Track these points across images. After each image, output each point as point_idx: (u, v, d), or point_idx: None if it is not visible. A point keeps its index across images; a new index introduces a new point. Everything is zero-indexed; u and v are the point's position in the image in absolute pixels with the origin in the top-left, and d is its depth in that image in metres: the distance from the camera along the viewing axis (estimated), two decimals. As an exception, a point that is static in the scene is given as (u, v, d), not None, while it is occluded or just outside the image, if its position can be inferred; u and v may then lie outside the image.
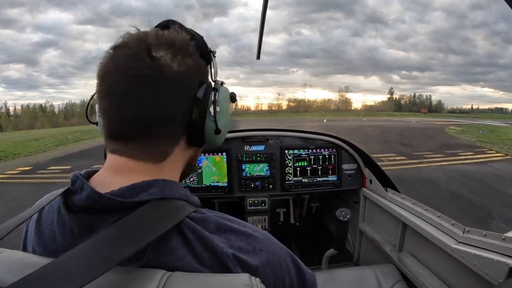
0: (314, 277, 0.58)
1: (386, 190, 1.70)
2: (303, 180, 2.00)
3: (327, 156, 1.99)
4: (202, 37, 0.56)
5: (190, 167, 0.62)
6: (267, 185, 1.98)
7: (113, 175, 0.50)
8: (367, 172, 1.92)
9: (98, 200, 0.45)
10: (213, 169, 1.93)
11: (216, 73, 0.58)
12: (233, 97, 0.60)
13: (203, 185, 1.93)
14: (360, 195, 2.00)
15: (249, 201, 1.96)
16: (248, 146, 1.98)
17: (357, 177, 2.01)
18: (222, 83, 0.57)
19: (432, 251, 1.25)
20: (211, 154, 1.92)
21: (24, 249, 0.55)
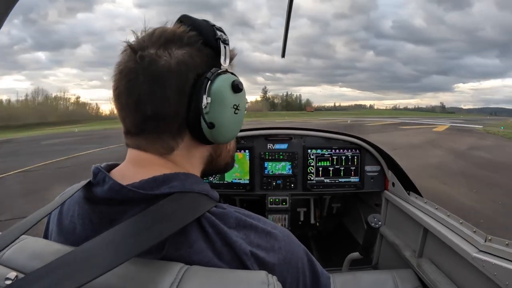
0: (329, 279, 0.57)
1: (408, 194, 1.67)
2: (325, 180, 1.99)
3: (350, 157, 1.98)
4: (210, 26, 0.52)
5: (214, 166, 0.60)
6: (289, 184, 1.99)
7: (134, 167, 0.51)
8: (390, 174, 1.89)
9: (120, 192, 0.46)
10: (236, 166, 1.97)
11: (224, 61, 0.52)
12: (235, 86, 0.52)
13: (225, 182, 1.97)
14: (382, 198, 1.97)
15: (270, 199, 1.98)
16: (271, 144, 2.00)
17: (379, 179, 1.98)
18: (222, 72, 0.52)
19: (452, 258, 1.23)
20: None
21: (46, 238, 0.57)
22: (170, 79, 0.48)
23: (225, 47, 0.52)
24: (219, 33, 0.52)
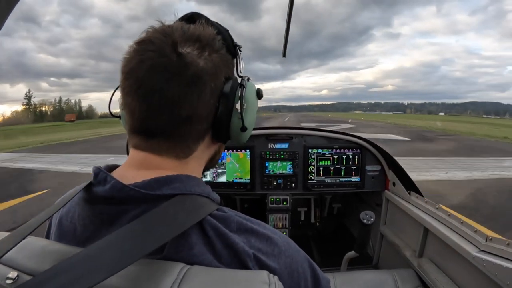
0: (329, 284, 0.57)
1: (409, 194, 1.67)
2: (326, 180, 1.99)
3: (350, 157, 1.98)
4: (227, 30, 0.55)
5: (213, 162, 0.61)
6: (290, 183, 1.99)
7: (136, 170, 0.50)
8: (390, 174, 1.89)
9: (121, 190, 0.45)
10: (236, 166, 1.97)
11: (242, 67, 0.57)
12: (259, 93, 0.58)
13: (226, 181, 1.97)
14: (382, 198, 1.97)
15: (270, 198, 1.97)
16: (272, 144, 2.00)
17: (380, 179, 1.98)
18: (248, 79, 0.56)
19: (453, 258, 1.23)
20: (234, 150, 1.96)
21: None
22: (207, 82, 0.48)
23: (240, 53, 0.57)
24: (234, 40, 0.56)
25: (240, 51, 0.57)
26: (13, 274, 0.41)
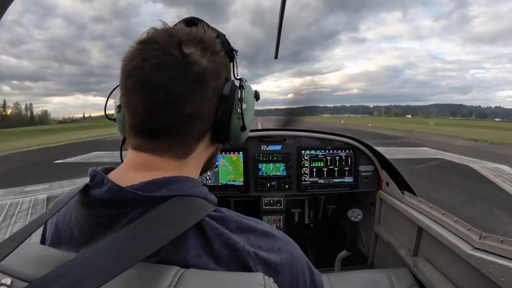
0: (321, 278, 0.58)
1: (402, 193, 1.68)
2: (319, 181, 1.99)
3: (343, 157, 1.98)
4: (224, 35, 0.57)
5: (209, 164, 0.62)
6: (283, 185, 1.99)
7: (135, 171, 0.49)
8: (384, 174, 1.90)
9: (119, 193, 0.44)
10: (230, 168, 1.96)
11: (239, 70, 0.60)
12: (257, 95, 0.61)
13: (220, 184, 1.96)
14: (376, 198, 1.98)
15: (264, 200, 1.97)
16: (265, 146, 2.00)
17: (373, 179, 1.99)
18: (245, 81, 0.58)
19: (447, 256, 1.24)
20: (228, 153, 1.95)
21: (43, 244, 0.55)
22: (210, 81, 0.49)
23: (236, 56, 0.59)
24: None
25: (237, 55, 0.59)
26: (6, 280, 0.40)
